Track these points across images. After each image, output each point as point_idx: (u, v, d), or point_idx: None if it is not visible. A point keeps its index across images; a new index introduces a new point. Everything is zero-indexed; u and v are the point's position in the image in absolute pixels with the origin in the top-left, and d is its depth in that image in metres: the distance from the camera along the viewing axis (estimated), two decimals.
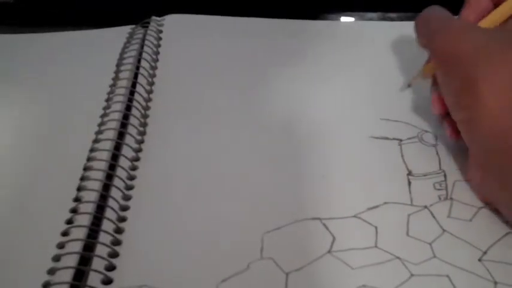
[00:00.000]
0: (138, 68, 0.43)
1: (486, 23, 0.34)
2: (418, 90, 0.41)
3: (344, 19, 0.52)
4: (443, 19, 0.34)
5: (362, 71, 0.43)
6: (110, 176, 0.34)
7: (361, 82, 0.42)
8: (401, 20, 0.51)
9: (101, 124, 0.38)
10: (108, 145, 0.36)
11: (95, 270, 0.29)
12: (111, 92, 0.41)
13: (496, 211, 0.32)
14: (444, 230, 0.32)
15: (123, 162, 0.35)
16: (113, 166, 0.35)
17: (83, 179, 0.34)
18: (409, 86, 0.39)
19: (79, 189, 0.34)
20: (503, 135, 0.28)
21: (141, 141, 0.38)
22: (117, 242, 0.31)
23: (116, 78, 0.42)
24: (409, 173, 0.35)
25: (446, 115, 0.35)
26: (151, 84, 0.42)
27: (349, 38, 0.47)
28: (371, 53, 0.45)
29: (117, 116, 0.38)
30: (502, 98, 0.29)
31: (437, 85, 0.34)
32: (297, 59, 0.45)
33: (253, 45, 0.47)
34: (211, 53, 0.46)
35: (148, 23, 0.49)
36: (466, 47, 0.31)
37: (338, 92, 0.42)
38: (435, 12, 0.36)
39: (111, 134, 0.37)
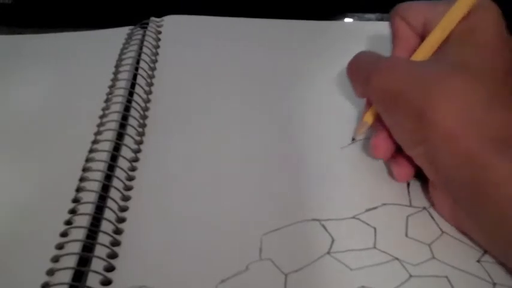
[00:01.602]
0: (137, 68, 0.43)
1: (418, 56, 0.33)
2: None
3: (343, 20, 0.52)
4: (375, 59, 0.33)
5: None
6: (109, 177, 0.34)
7: None
8: None
9: (99, 125, 0.38)
10: (107, 146, 0.36)
11: (94, 271, 0.29)
12: (110, 93, 0.41)
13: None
14: (443, 231, 0.32)
15: (122, 163, 0.35)
16: (111, 167, 0.35)
17: (82, 179, 0.34)
18: (353, 140, 0.37)
19: (78, 190, 0.34)
20: (465, 158, 0.28)
21: (140, 142, 0.38)
22: (116, 243, 0.31)
23: (114, 79, 0.42)
24: None
25: (393, 157, 0.34)
26: (150, 85, 0.42)
27: (348, 39, 0.47)
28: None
29: (116, 116, 0.38)
30: (454, 124, 0.28)
31: (380, 128, 0.33)
32: (296, 59, 0.45)
33: (252, 45, 0.47)
34: (210, 53, 0.46)
35: (147, 23, 0.49)
36: (405, 80, 0.30)
37: (337, 92, 0.42)
38: (364, 56, 0.35)
39: (110, 135, 0.37)
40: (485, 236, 0.30)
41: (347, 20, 0.52)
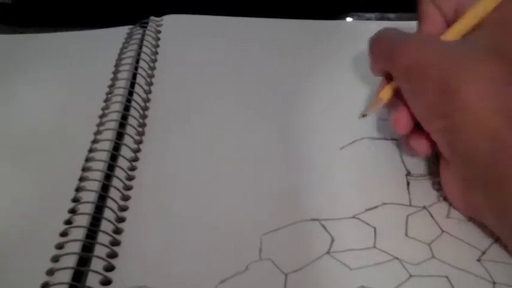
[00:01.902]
0: (136, 68, 0.43)
1: (447, 37, 0.33)
2: None
3: (343, 19, 0.52)
4: (402, 35, 0.33)
5: (360, 71, 0.43)
6: (108, 177, 0.34)
7: (359, 82, 0.42)
8: (400, 20, 0.51)
9: (99, 125, 0.38)
10: (106, 146, 0.36)
11: (94, 271, 0.29)
12: (109, 93, 0.41)
13: (481, 225, 0.31)
14: (443, 231, 0.32)
15: (122, 162, 0.35)
16: (111, 167, 0.35)
17: (81, 179, 0.34)
18: (363, 116, 0.36)
19: (78, 189, 0.34)
20: (490, 137, 0.28)
21: (140, 142, 0.38)
22: (116, 243, 0.31)
23: (114, 79, 0.42)
24: (408, 174, 0.35)
25: (412, 133, 0.34)
26: (150, 84, 0.42)
27: (348, 38, 0.47)
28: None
29: (116, 116, 0.38)
30: (484, 102, 0.28)
31: (398, 105, 0.33)
32: (296, 59, 0.45)
33: (252, 45, 0.47)
34: (210, 53, 0.46)
35: (147, 23, 0.49)
36: (437, 54, 0.31)
37: (337, 92, 0.42)
38: (388, 32, 0.35)
39: (109, 135, 0.37)
40: (498, 219, 0.29)
41: (347, 19, 0.52)
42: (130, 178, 0.35)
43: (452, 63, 0.30)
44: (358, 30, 0.49)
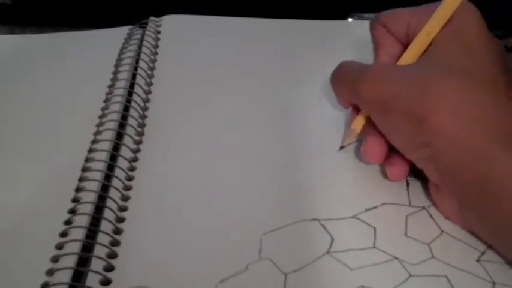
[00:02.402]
0: (136, 68, 0.43)
1: (403, 62, 0.33)
2: None
3: (343, 19, 0.52)
4: (360, 68, 0.33)
5: None
6: (108, 177, 0.34)
7: None
8: None
9: (99, 125, 0.38)
10: (106, 146, 0.36)
11: (94, 271, 0.29)
12: (109, 93, 0.41)
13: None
14: (442, 231, 0.32)
15: (122, 163, 0.35)
16: (111, 167, 0.35)
17: (81, 179, 0.34)
18: (341, 148, 0.37)
19: (77, 190, 0.34)
20: (473, 157, 0.28)
21: (140, 142, 0.38)
22: (115, 243, 0.31)
23: (114, 79, 0.42)
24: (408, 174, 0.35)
25: (386, 159, 0.34)
26: (150, 84, 0.42)
27: (348, 38, 0.47)
28: (369, 53, 0.45)
29: (116, 116, 0.38)
30: (457, 126, 0.28)
31: (369, 133, 0.33)
32: (296, 58, 0.45)
33: (251, 45, 0.47)
34: (210, 53, 0.46)
35: (147, 23, 0.49)
36: (398, 85, 0.30)
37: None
38: (347, 66, 0.35)
39: (109, 135, 0.37)
40: (492, 234, 0.30)
41: (347, 20, 0.52)
42: (130, 178, 0.35)
43: (414, 90, 0.29)
44: (358, 31, 0.49)
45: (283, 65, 0.44)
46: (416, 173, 0.33)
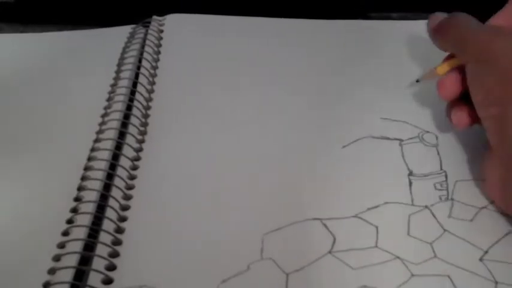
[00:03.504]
0: (139, 67, 0.43)
1: None
2: (419, 91, 0.41)
3: (345, 19, 0.52)
4: (475, 23, 0.34)
5: (363, 71, 0.43)
6: (110, 176, 0.34)
7: (362, 82, 0.42)
8: (403, 19, 0.50)
9: (101, 123, 0.38)
10: (109, 145, 0.36)
11: (95, 270, 0.29)
12: (112, 92, 0.41)
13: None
14: (445, 230, 0.32)
15: (124, 161, 0.36)
16: (113, 166, 0.35)
17: (83, 178, 0.34)
18: (417, 81, 0.39)
19: (79, 188, 0.34)
20: None
21: (142, 141, 0.38)
22: (117, 242, 0.31)
23: (117, 78, 0.42)
24: (410, 173, 0.35)
25: (455, 105, 0.35)
26: (152, 83, 0.42)
27: (351, 38, 0.47)
28: (372, 52, 0.45)
29: (118, 115, 0.38)
30: None
31: (450, 72, 0.35)
32: (298, 58, 0.45)
33: (254, 44, 0.47)
34: (213, 52, 0.46)
35: (149, 22, 0.49)
36: (507, 46, 0.31)
37: (338, 91, 0.42)
38: (459, 18, 0.35)
39: (112, 134, 0.37)
40: None
41: (347, 19, 0.52)
42: (132, 177, 0.35)
43: None
44: (362, 30, 0.49)
45: (285, 64, 0.44)
46: None
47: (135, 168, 0.36)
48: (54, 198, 0.34)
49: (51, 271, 0.29)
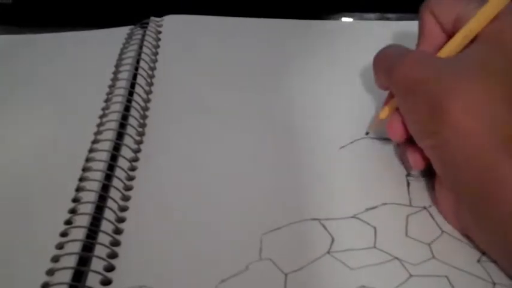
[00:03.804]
0: (137, 68, 0.43)
1: (443, 53, 0.33)
2: None
3: (343, 19, 0.52)
4: (402, 52, 0.34)
5: (360, 71, 0.43)
6: (108, 177, 0.34)
7: (359, 82, 0.42)
8: (400, 20, 0.51)
9: (99, 125, 0.38)
10: (107, 146, 0.36)
11: (94, 271, 0.29)
12: (110, 93, 0.41)
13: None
14: (443, 231, 0.32)
15: (122, 162, 0.35)
16: (111, 167, 0.35)
17: (81, 179, 0.34)
18: (367, 134, 0.38)
19: (78, 189, 0.34)
20: (478, 157, 0.28)
21: (140, 142, 0.38)
22: (116, 243, 0.31)
23: (114, 79, 0.42)
24: (408, 174, 0.35)
25: (407, 146, 0.34)
26: (150, 84, 0.42)
27: (347, 38, 0.48)
28: (370, 53, 0.45)
29: (116, 116, 0.38)
30: (472, 120, 0.28)
31: (396, 114, 0.34)
32: (295, 59, 0.45)
33: (252, 45, 0.47)
34: (210, 53, 0.46)
35: (147, 23, 0.49)
36: (428, 72, 0.31)
37: (336, 91, 0.42)
38: (392, 48, 0.35)
39: (110, 135, 0.37)
40: (487, 237, 0.30)
41: (346, 19, 0.52)
42: (130, 178, 0.35)
43: (444, 81, 0.30)
44: (358, 30, 0.49)
45: (283, 65, 0.44)
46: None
47: (133, 169, 0.36)
48: (52, 199, 0.34)
49: (50, 272, 0.29)
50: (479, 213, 0.29)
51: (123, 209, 0.33)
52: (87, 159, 0.36)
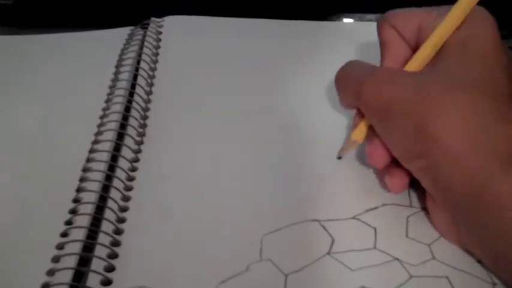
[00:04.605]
0: (137, 69, 0.43)
1: (410, 68, 0.32)
2: None
3: (343, 20, 0.52)
4: (366, 69, 0.32)
5: None
6: (109, 177, 0.34)
7: None
8: None
9: (100, 125, 0.38)
10: (107, 146, 0.36)
11: (94, 271, 0.29)
12: (110, 93, 0.41)
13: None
14: None
15: (123, 163, 0.36)
16: (112, 167, 0.35)
17: (82, 180, 0.34)
18: (339, 158, 0.36)
19: (78, 190, 0.34)
20: (468, 173, 0.27)
21: (141, 143, 0.38)
22: (116, 243, 0.31)
23: (115, 80, 0.42)
24: None
25: (388, 168, 0.32)
26: (151, 85, 0.42)
27: (348, 39, 0.47)
28: (370, 54, 0.45)
29: (117, 117, 0.38)
30: (457, 139, 0.27)
31: (373, 138, 0.32)
32: (296, 59, 0.45)
33: (252, 46, 0.47)
34: (211, 54, 0.46)
35: (148, 24, 0.49)
36: (402, 91, 0.29)
37: (336, 92, 0.42)
38: (353, 66, 0.34)
39: (110, 135, 0.37)
40: (483, 250, 0.29)
41: (347, 20, 0.52)
42: (130, 179, 0.35)
43: (418, 98, 0.28)
44: (359, 31, 0.49)
45: (284, 66, 0.44)
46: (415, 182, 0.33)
47: (133, 169, 0.36)
48: (52, 199, 0.34)
49: (50, 272, 0.29)
50: (474, 228, 0.28)
51: (124, 209, 0.33)
52: (88, 160, 0.36)
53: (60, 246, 0.31)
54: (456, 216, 0.29)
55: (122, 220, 0.32)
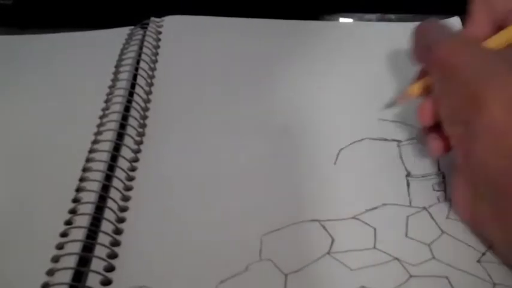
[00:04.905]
0: (137, 69, 0.43)
1: (489, 44, 0.32)
2: None
3: (343, 20, 0.52)
4: (446, 31, 0.33)
5: (360, 72, 0.43)
6: (109, 177, 0.34)
7: (359, 83, 0.42)
8: (401, 21, 0.51)
9: (99, 125, 0.38)
10: (107, 146, 0.36)
11: (94, 271, 0.29)
12: (110, 93, 0.41)
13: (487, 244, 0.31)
14: (443, 231, 0.32)
15: (122, 163, 0.36)
16: (112, 167, 0.35)
17: (82, 180, 0.34)
18: (392, 104, 0.37)
19: (78, 190, 0.34)
20: (507, 155, 0.27)
21: (140, 142, 0.38)
22: (116, 243, 0.31)
23: (114, 80, 0.42)
24: (408, 174, 0.35)
25: (432, 128, 0.33)
26: (150, 85, 0.42)
27: (348, 39, 0.47)
28: (370, 53, 0.45)
29: (116, 117, 0.38)
30: (503, 120, 0.27)
31: (427, 97, 0.33)
32: (295, 59, 0.45)
33: (252, 45, 0.47)
34: (210, 54, 0.46)
35: (148, 24, 0.49)
36: (472, 60, 0.30)
37: (336, 92, 0.42)
38: (435, 24, 0.34)
39: (110, 135, 0.37)
40: (503, 233, 0.29)
41: (347, 20, 0.52)
42: (130, 179, 0.35)
43: (486, 72, 0.29)
44: (359, 31, 0.49)
45: (284, 66, 0.44)
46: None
47: (133, 169, 0.36)
48: (52, 199, 0.34)
49: (50, 272, 0.29)
50: (498, 208, 0.28)
51: (123, 209, 0.33)
52: (87, 160, 0.36)
53: (60, 246, 0.31)
54: (479, 192, 0.29)
55: (121, 220, 0.32)
